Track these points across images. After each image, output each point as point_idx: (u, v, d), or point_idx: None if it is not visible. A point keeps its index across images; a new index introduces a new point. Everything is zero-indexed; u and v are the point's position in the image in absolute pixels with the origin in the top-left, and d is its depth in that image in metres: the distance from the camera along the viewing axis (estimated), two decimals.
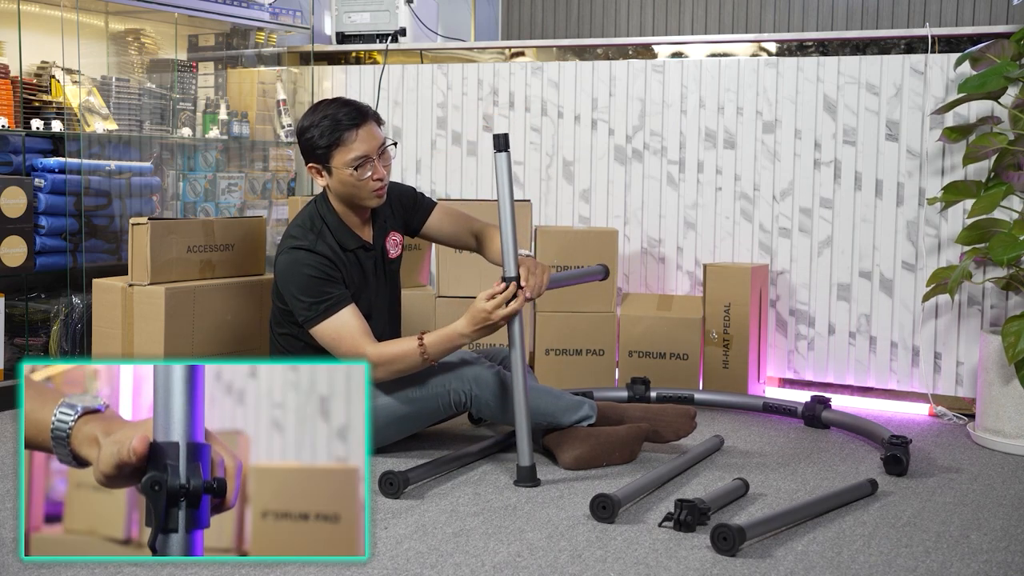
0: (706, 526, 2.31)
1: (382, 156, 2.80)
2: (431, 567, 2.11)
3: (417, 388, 2.81)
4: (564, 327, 3.68)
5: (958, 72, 3.47)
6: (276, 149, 4.48)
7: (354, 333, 2.71)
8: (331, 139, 2.75)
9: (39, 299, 3.61)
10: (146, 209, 3.93)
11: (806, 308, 3.77)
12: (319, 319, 2.72)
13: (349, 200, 2.84)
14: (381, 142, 2.80)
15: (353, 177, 2.76)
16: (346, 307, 2.73)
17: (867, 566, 2.15)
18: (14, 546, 2.18)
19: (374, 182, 2.78)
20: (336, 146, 2.75)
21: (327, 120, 2.75)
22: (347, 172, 2.76)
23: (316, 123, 2.77)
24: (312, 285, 2.73)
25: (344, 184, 2.79)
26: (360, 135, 2.75)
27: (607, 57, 4.04)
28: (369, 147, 2.76)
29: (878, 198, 3.65)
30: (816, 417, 3.31)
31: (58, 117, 3.57)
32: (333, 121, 2.75)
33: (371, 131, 2.77)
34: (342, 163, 2.76)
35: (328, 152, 2.76)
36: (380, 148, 2.79)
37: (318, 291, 2.73)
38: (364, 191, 2.80)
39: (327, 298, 2.72)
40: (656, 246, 3.97)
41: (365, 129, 2.76)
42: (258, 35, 4.41)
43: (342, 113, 2.76)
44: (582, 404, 2.88)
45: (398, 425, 2.86)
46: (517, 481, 2.66)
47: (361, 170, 2.76)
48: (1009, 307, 3.48)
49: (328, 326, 2.71)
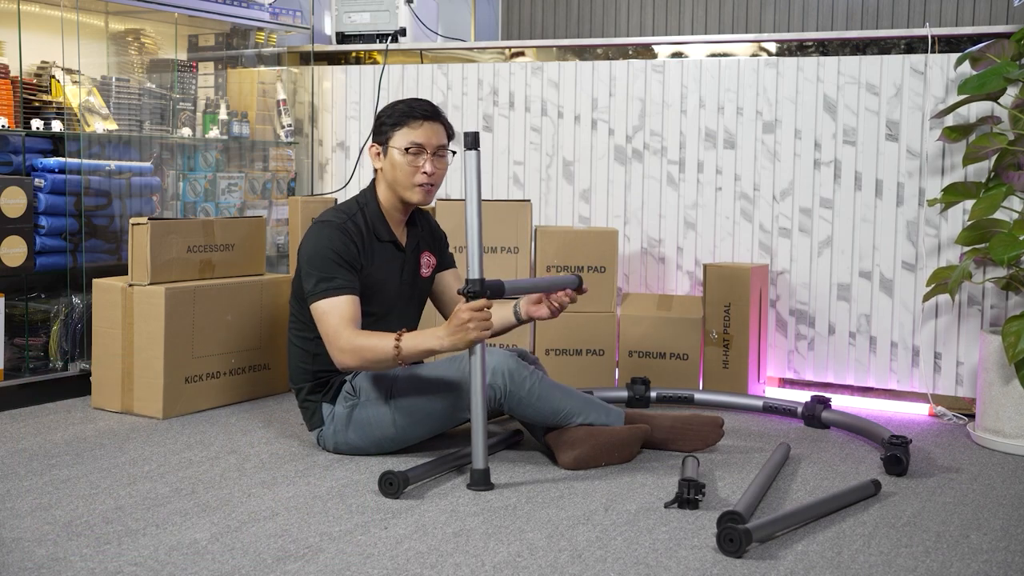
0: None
1: (438, 156, 2.88)
2: (431, 567, 2.11)
3: (450, 384, 2.81)
4: (564, 327, 3.68)
5: (958, 72, 3.47)
6: (276, 149, 4.48)
7: (341, 317, 2.74)
8: (398, 119, 2.87)
9: (39, 299, 3.61)
10: (146, 209, 3.93)
11: (806, 308, 3.77)
12: (320, 296, 2.76)
13: (394, 188, 2.90)
14: (443, 143, 2.90)
15: (404, 160, 2.85)
16: (347, 295, 2.76)
17: (867, 566, 2.15)
18: (14, 546, 2.18)
19: (421, 174, 2.86)
20: (400, 127, 2.87)
21: (403, 105, 2.90)
22: (400, 154, 2.85)
23: (394, 106, 2.90)
24: (326, 262, 2.78)
25: (395, 167, 2.87)
26: (426, 126, 2.87)
27: (607, 57, 4.04)
28: (428, 139, 2.87)
29: (878, 198, 3.65)
30: (816, 417, 3.31)
31: (58, 117, 3.57)
32: (408, 107, 2.89)
33: (437, 129, 2.89)
34: (399, 144, 2.86)
35: (391, 131, 2.88)
36: (439, 147, 2.88)
37: (329, 269, 2.77)
38: (409, 179, 2.86)
39: (334, 279, 2.76)
40: (656, 246, 3.97)
41: (432, 124, 2.88)
42: (258, 35, 4.41)
43: (420, 105, 2.90)
44: (612, 410, 2.89)
45: (430, 423, 2.86)
46: (470, 484, 2.62)
47: (414, 156, 2.85)
48: (1009, 307, 3.48)
49: (323, 304, 2.76)
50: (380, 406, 2.82)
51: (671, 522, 2.39)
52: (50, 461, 2.80)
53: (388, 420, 2.83)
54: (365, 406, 2.83)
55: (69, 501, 2.47)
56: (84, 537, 2.24)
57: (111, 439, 3.06)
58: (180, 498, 2.51)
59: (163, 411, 3.31)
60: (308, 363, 2.91)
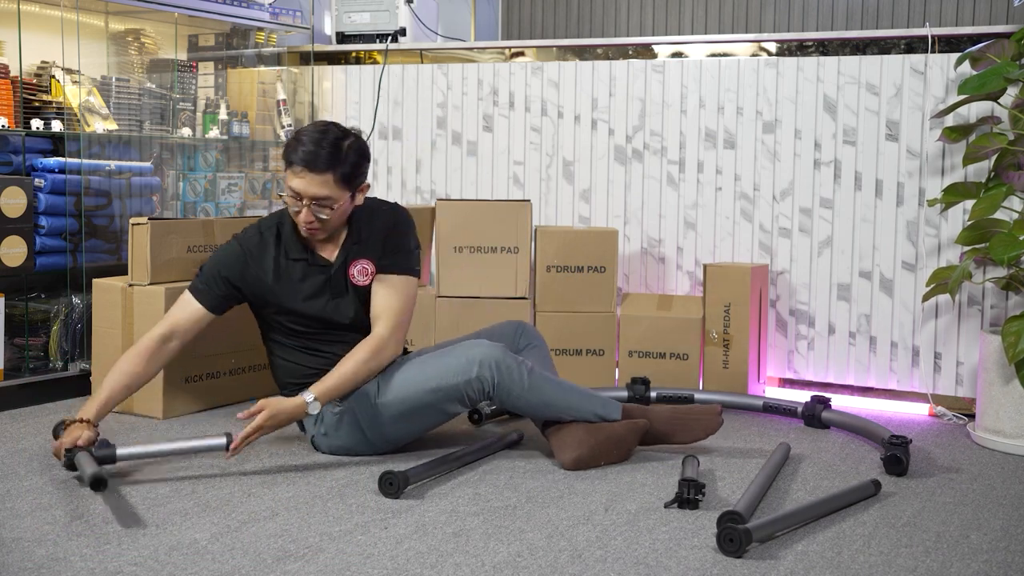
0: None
1: (318, 206, 2.78)
2: (431, 567, 2.11)
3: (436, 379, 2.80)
4: (564, 327, 3.68)
5: (958, 72, 3.47)
6: (276, 149, 4.48)
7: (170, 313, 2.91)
8: (286, 156, 2.81)
9: (39, 299, 3.61)
10: (146, 209, 3.93)
11: (806, 308, 3.77)
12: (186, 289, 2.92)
13: None
14: (321, 195, 2.75)
15: (288, 203, 2.84)
16: (194, 298, 2.89)
17: (867, 566, 2.15)
18: (14, 546, 2.18)
19: (300, 219, 2.82)
20: (287, 167, 2.81)
21: (294, 141, 2.79)
22: (285, 195, 2.84)
23: (294, 137, 2.81)
24: (210, 264, 2.93)
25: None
26: (305, 176, 2.75)
27: (607, 57, 4.04)
28: (305, 189, 2.76)
29: (878, 198, 3.65)
30: (816, 417, 3.31)
31: (58, 117, 3.57)
32: (295, 144, 2.77)
33: (315, 180, 2.74)
34: (286, 181, 2.82)
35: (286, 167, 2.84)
36: (316, 198, 2.77)
37: (206, 271, 2.92)
38: (297, 218, 2.84)
39: (199, 280, 2.91)
40: (656, 246, 3.97)
41: (311, 175, 2.75)
42: (258, 35, 4.41)
43: (305, 147, 2.75)
44: (608, 402, 2.88)
45: (420, 420, 2.86)
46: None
47: (293, 199, 2.81)
48: (1009, 307, 3.48)
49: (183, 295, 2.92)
50: (368, 407, 2.81)
51: (671, 522, 2.39)
52: (50, 461, 2.80)
53: (379, 420, 2.81)
54: (353, 409, 2.82)
55: (69, 501, 2.47)
56: (84, 537, 2.24)
57: (111, 439, 3.05)
58: (180, 498, 2.51)
59: (163, 411, 3.31)
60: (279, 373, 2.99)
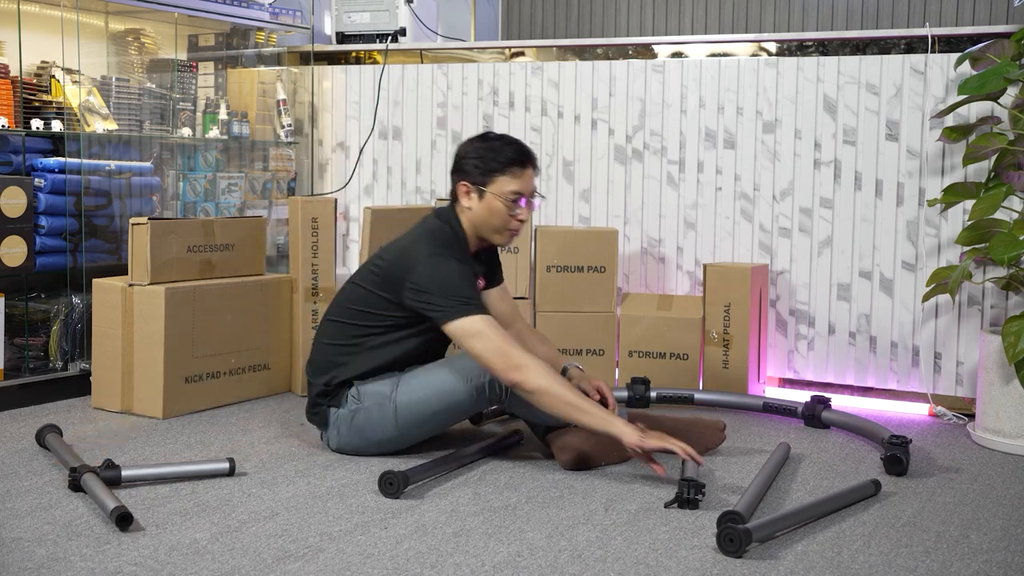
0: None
1: (529, 203, 2.90)
2: (431, 567, 2.11)
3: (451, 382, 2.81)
4: (564, 327, 3.68)
5: (958, 72, 3.47)
6: (276, 149, 4.48)
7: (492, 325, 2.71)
8: (502, 164, 2.83)
9: (39, 299, 3.61)
10: (146, 209, 3.93)
11: (806, 308, 3.77)
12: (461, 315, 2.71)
13: (480, 227, 2.89)
14: (535, 190, 2.92)
15: (505, 208, 2.83)
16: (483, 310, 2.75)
17: (867, 566, 2.15)
18: (14, 546, 2.18)
19: (517, 221, 2.87)
20: (502, 173, 2.83)
21: (511, 151, 2.86)
22: (501, 201, 2.83)
23: (493, 146, 2.86)
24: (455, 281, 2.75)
25: (491, 211, 2.85)
26: (527, 174, 2.87)
27: (607, 57, 4.04)
28: (528, 188, 2.87)
29: (878, 198, 3.65)
30: (816, 417, 3.31)
31: (58, 117, 3.57)
32: (515, 151, 2.86)
33: (532, 177, 2.90)
34: (501, 191, 2.83)
35: (491, 175, 2.83)
36: (533, 193, 2.90)
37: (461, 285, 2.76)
38: (502, 225, 2.86)
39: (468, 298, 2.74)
40: (656, 246, 3.97)
41: (531, 173, 2.89)
42: (258, 35, 4.41)
43: (520, 149, 2.88)
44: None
45: (432, 423, 2.87)
46: None
47: (514, 204, 2.84)
48: (1009, 307, 3.48)
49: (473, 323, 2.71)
50: (383, 408, 2.83)
51: (671, 522, 2.39)
52: (50, 461, 2.80)
53: (390, 422, 2.83)
54: (368, 409, 2.84)
55: (69, 501, 2.47)
56: (84, 537, 2.24)
57: (111, 439, 3.06)
58: (180, 498, 2.51)
59: (163, 411, 3.31)
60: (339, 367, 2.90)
